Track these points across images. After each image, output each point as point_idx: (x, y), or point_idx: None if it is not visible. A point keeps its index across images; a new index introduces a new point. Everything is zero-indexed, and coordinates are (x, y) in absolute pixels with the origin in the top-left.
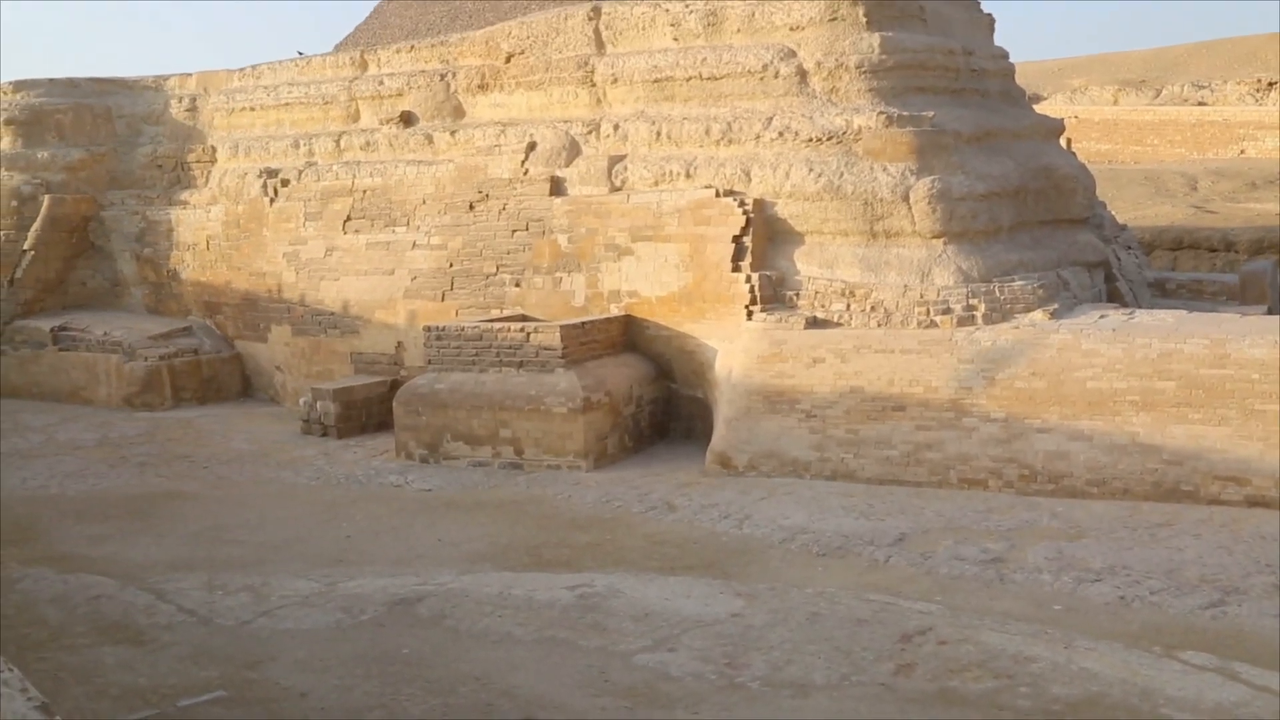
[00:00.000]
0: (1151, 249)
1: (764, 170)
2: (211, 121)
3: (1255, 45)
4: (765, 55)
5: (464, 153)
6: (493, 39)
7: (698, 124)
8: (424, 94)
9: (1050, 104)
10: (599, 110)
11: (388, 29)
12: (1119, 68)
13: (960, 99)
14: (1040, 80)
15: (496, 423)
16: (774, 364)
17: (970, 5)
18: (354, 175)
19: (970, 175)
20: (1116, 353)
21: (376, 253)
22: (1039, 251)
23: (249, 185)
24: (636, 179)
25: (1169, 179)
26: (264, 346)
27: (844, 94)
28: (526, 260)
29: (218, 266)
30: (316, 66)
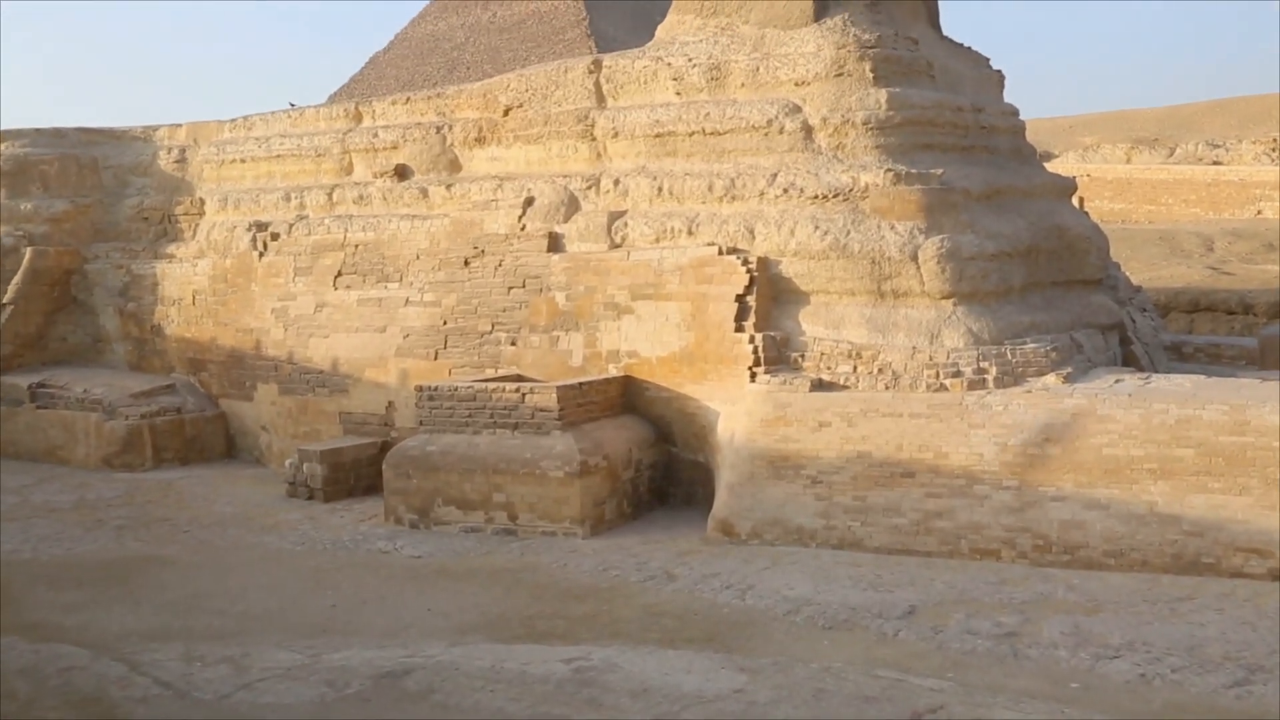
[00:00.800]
0: (1167, 311)
1: (768, 228)
2: (200, 173)
3: (1270, 104)
4: (770, 110)
5: (459, 207)
6: (490, 91)
7: (700, 180)
8: (419, 147)
9: (1061, 162)
10: (599, 165)
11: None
12: (1132, 125)
13: (969, 156)
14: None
15: (490, 487)
16: (778, 428)
17: (979, 61)
18: (346, 229)
19: (980, 234)
20: (1133, 419)
21: (368, 309)
22: (1052, 313)
23: (238, 239)
24: (637, 236)
25: (1184, 239)
26: (250, 405)
27: (850, 150)
28: (523, 318)
29: (203, 322)
30: (309, 118)
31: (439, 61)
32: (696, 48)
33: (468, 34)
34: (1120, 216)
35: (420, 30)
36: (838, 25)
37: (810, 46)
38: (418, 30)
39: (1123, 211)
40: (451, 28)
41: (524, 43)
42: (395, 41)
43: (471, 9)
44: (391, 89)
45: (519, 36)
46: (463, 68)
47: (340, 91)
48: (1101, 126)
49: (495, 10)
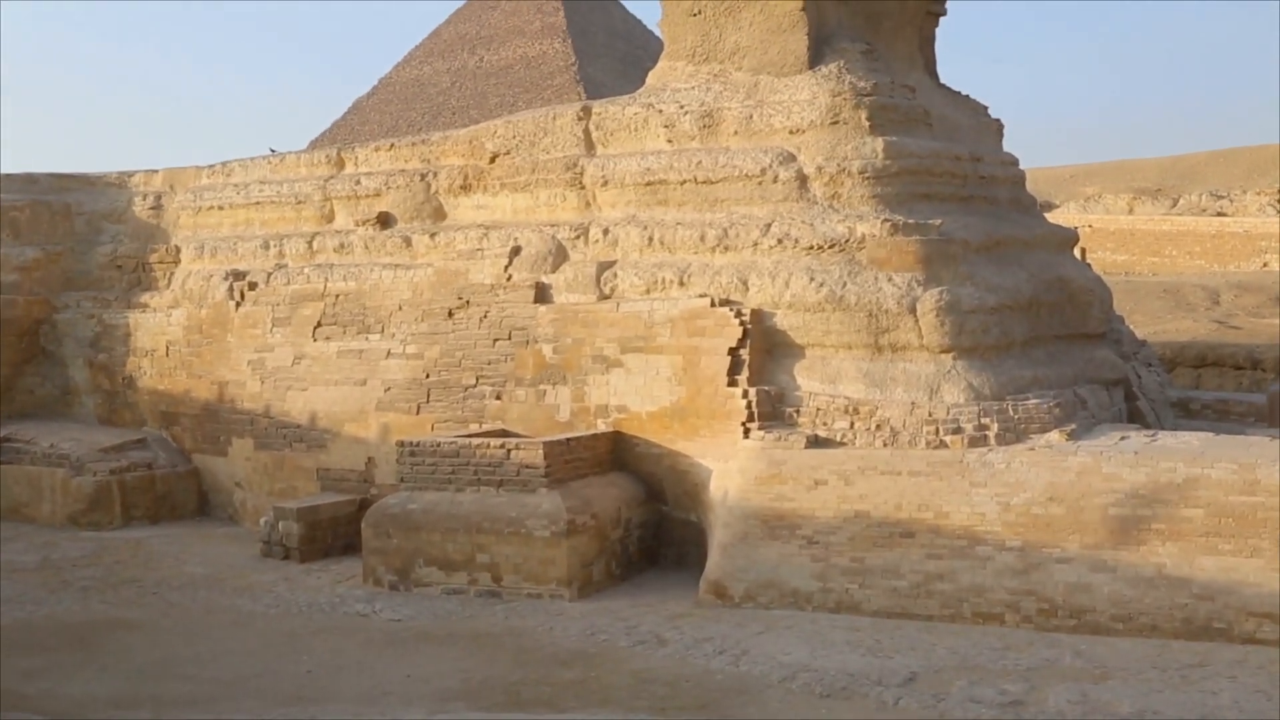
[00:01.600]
0: (1173, 366)
1: (762, 279)
2: (177, 220)
3: (1274, 154)
4: (764, 159)
5: (444, 256)
6: (477, 138)
7: (692, 229)
8: (403, 194)
9: (1062, 212)
10: (588, 213)
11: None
12: (1134, 175)
13: (968, 207)
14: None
15: (473, 547)
16: (773, 486)
17: (978, 110)
18: (326, 279)
19: (980, 286)
20: (1139, 477)
21: (348, 361)
22: (1054, 368)
23: (214, 288)
24: (627, 286)
25: (1189, 292)
26: (224, 461)
27: (846, 200)
28: (508, 371)
29: (177, 374)
30: (290, 164)
31: (424, 107)
32: (688, 94)
33: (453, 79)
34: (1123, 268)
35: (405, 75)
36: (833, 72)
37: (805, 94)
38: (402, 75)
39: (1126, 263)
40: (437, 72)
41: (511, 88)
42: (379, 86)
43: (458, 54)
44: (375, 134)
45: (506, 82)
46: (448, 113)
47: (322, 137)
48: (1103, 176)
49: (482, 55)
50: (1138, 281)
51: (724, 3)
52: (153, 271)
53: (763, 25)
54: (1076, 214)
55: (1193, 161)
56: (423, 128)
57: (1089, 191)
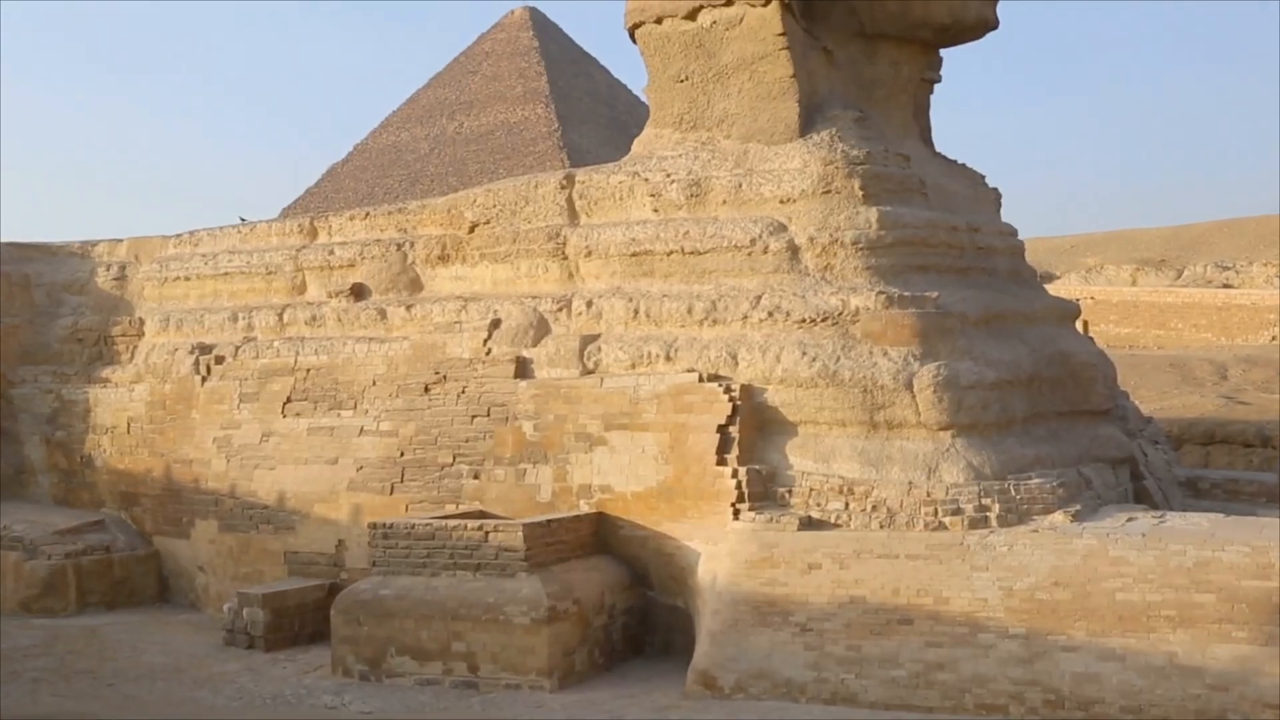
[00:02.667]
0: (1181, 443)
1: (752, 353)
2: (141, 291)
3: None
4: (753, 229)
5: (420, 329)
6: (456, 207)
7: (679, 302)
8: (378, 265)
9: (1064, 283)
10: (571, 285)
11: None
12: (1137, 245)
13: (966, 278)
14: (1052, 258)
15: (449, 635)
16: (764, 570)
17: (975, 178)
18: (297, 352)
19: (979, 361)
20: (1148, 561)
21: (319, 439)
22: (1057, 446)
23: (179, 362)
24: (611, 361)
25: (1196, 366)
26: (186, 544)
27: (839, 272)
28: (487, 450)
29: (138, 452)
30: (261, 234)
31: (401, 174)
32: (675, 163)
33: (432, 145)
34: (1127, 342)
35: (381, 141)
36: (825, 140)
37: (796, 162)
38: (379, 141)
39: (1130, 336)
40: (415, 139)
41: (492, 155)
42: (355, 152)
43: (437, 119)
44: (350, 202)
45: (487, 148)
46: (426, 180)
47: (295, 205)
48: (1105, 247)
49: (462, 121)
50: (1142, 356)
51: (712, 69)
52: (115, 345)
53: (752, 92)
54: (1078, 285)
55: (1197, 232)
56: (400, 195)
57: (1091, 262)
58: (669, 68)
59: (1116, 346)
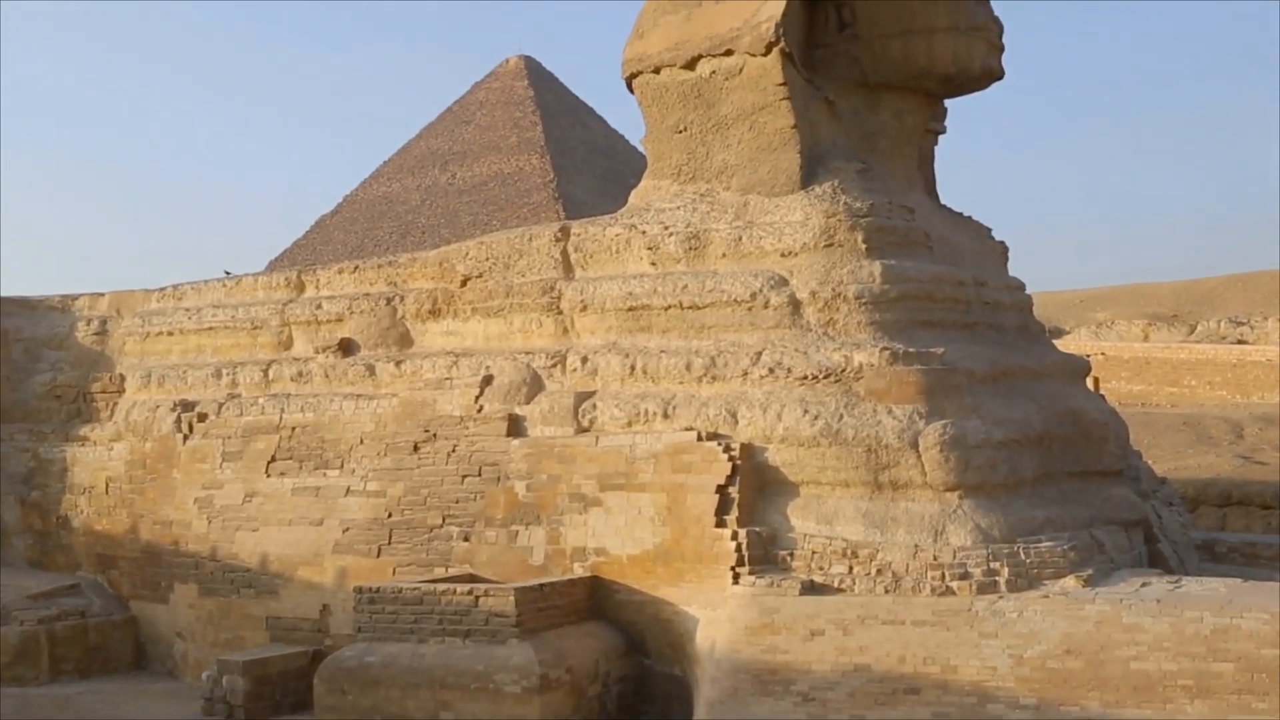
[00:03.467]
0: (1196, 505)
1: (753, 411)
2: (122, 347)
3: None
4: (754, 283)
5: (410, 386)
6: (447, 260)
7: (677, 358)
8: (367, 319)
9: (1073, 339)
10: (565, 341)
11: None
12: (1148, 300)
13: (973, 334)
14: (1061, 313)
15: (437, 704)
16: (765, 636)
17: (981, 231)
18: (282, 410)
19: (987, 420)
20: (1163, 628)
21: (303, 499)
22: (1068, 508)
23: (160, 419)
24: (607, 419)
25: (1211, 425)
26: (164, 609)
27: (842, 327)
28: (478, 511)
29: (116, 513)
30: (246, 287)
31: (391, 225)
32: (673, 215)
33: (424, 196)
34: (1139, 399)
35: (372, 192)
36: (827, 192)
37: (797, 215)
38: (369, 192)
39: (1142, 394)
40: (406, 189)
41: (485, 206)
42: (344, 203)
43: (429, 170)
44: (339, 255)
45: (480, 199)
46: (418, 232)
47: (282, 257)
48: (1115, 301)
49: (455, 171)
50: (1155, 414)
51: (711, 119)
52: (94, 402)
53: (752, 143)
54: (1088, 341)
55: (1210, 286)
56: (390, 248)
57: (1101, 317)
58: (667, 118)
59: (1128, 404)
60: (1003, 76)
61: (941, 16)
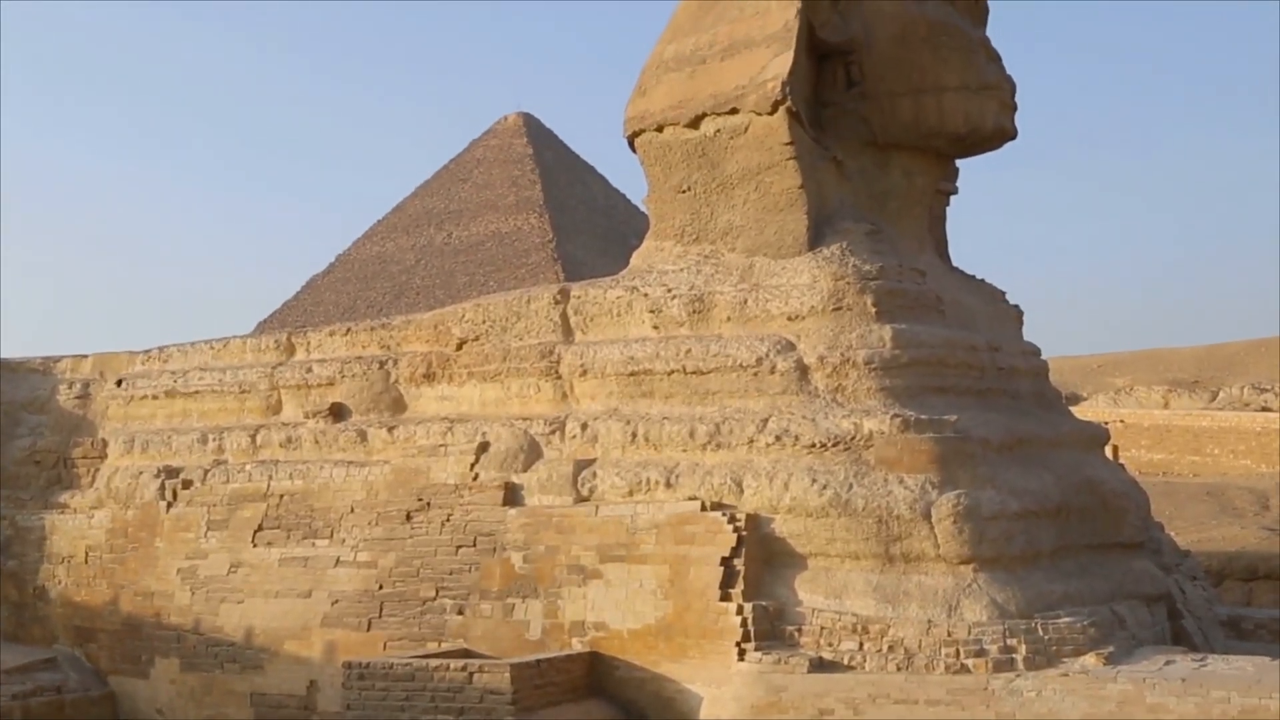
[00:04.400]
0: (1221, 579)
1: (759, 480)
2: (105, 411)
3: None
4: (760, 348)
5: (403, 453)
6: (443, 322)
7: (680, 425)
8: (359, 383)
9: (1091, 406)
10: (564, 406)
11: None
12: (1168, 365)
13: (987, 401)
14: (1078, 379)
15: None
16: (771, 716)
17: (994, 295)
18: (270, 477)
19: (1002, 490)
20: (1188, 709)
21: (291, 570)
22: (1088, 582)
23: (143, 486)
24: (607, 488)
25: (1235, 495)
26: (145, 684)
27: (852, 393)
28: (472, 583)
29: (96, 584)
30: (234, 350)
31: (385, 286)
32: (676, 277)
33: (418, 256)
34: (1160, 468)
35: (365, 251)
36: (835, 254)
37: (805, 277)
38: (362, 251)
39: (1163, 463)
40: (400, 249)
41: (482, 266)
42: (337, 263)
43: (424, 229)
44: (330, 316)
45: (476, 259)
46: (412, 294)
47: (271, 319)
48: (1134, 366)
49: (451, 231)
50: (1177, 483)
51: (715, 179)
52: (75, 468)
53: (758, 203)
54: (1106, 408)
55: (1232, 351)
56: (384, 309)
57: (1119, 383)
58: (670, 177)
59: (1149, 474)
60: (1016, 136)
61: (952, 75)
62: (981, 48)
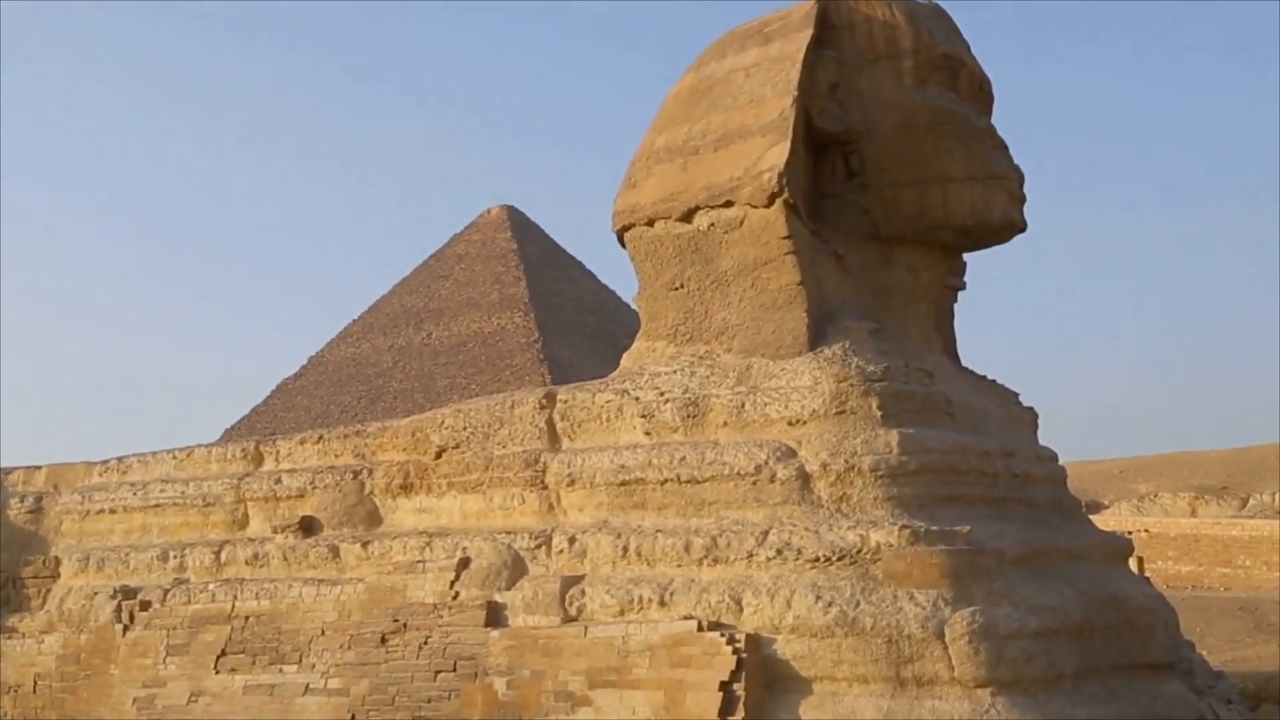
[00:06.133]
0: (1258, 702)
1: (759, 597)
2: (59, 526)
3: None
4: (759, 455)
5: (377, 570)
6: (421, 429)
7: (675, 538)
8: (331, 495)
9: (1113, 514)
10: (551, 519)
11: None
12: (1194, 470)
13: (1002, 510)
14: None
15: None
16: None
17: (1007, 397)
18: (235, 597)
19: (1020, 607)
20: None
21: (256, 699)
22: (1114, 705)
23: (98, 608)
24: (597, 607)
25: (1271, 611)
26: None
27: (857, 503)
28: (452, 711)
29: (45, 715)
30: (199, 460)
31: (360, 390)
32: (670, 379)
33: (396, 358)
34: (1189, 581)
35: (339, 353)
36: (837, 355)
37: (806, 379)
38: (336, 353)
39: (1192, 575)
40: (377, 350)
41: (464, 369)
42: (309, 366)
43: (402, 329)
44: (301, 423)
45: (458, 361)
46: (389, 398)
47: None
48: (1158, 471)
49: (431, 331)
50: (1207, 598)
51: (710, 275)
52: (25, 589)
53: (755, 301)
54: (1130, 516)
55: (1261, 454)
56: (358, 415)
57: (1143, 490)
58: (662, 274)
59: (1177, 587)
60: (1025, 229)
61: (957, 165)
62: (987, 136)
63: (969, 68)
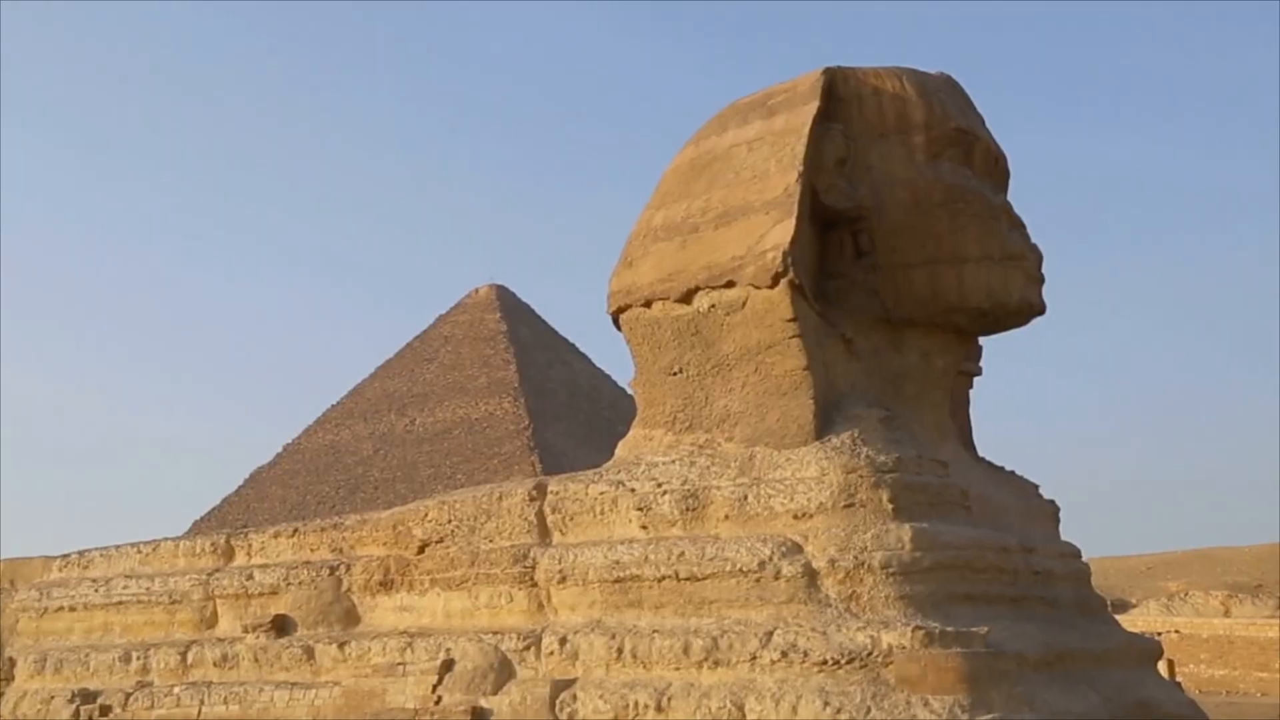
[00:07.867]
0: None
1: (763, 703)
2: (14, 625)
3: None
4: (762, 550)
5: (355, 672)
6: (403, 522)
7: (673, 639)
8: (306, 592)
9: (1141, 613)
10: (541, 618)
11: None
12: (1226, 567)
13: (1021, 610)
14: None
15: None
16: None
17: (1027, 489)
18: (202, 701)
19: (1042, 713)
20: None
21: None
22: None
23: (54, 714)
24: (589, 713)
25: None
26: None
27: (867, 602)
28: None
29: None
30: (165, 554)
31: (338, 479)
32: (667, 469)
33: (377, 446)
34: (1223, 686)
35: (317, 440)
36: (846, 444)
37: (812, 470)
38: (313, 440)
39: (1226, 680)
40: (357, 437)
41: (449, 457)
42: (284, 453)
43: (384, 415)
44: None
45: (443, 449)
46: (369, 488)
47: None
48: (1188, 568)
49: (414, 417)
50: (1243, 704)
51: (710, 360)
52: None
53: (758, 387)
54: (1159, 616)
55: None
56: (336, 505)
57: (1172, 588)
58: (660, 358)
59: (1210, 693)
60: (1044, 311)
61: (972, 244)
62: (1003, 214)
63: (984, 142)
